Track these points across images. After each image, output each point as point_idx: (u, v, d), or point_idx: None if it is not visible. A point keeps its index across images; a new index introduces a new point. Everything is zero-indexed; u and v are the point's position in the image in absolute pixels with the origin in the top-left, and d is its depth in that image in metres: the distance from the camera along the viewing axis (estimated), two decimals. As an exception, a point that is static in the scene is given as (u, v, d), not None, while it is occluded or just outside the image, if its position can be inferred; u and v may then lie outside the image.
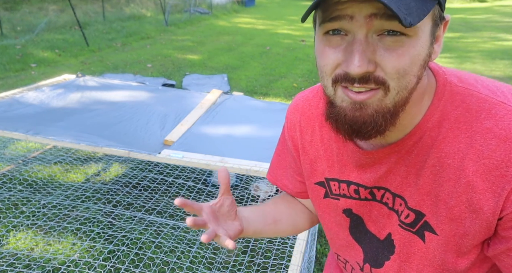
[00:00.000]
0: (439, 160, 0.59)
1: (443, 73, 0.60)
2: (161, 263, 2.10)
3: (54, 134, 2.19)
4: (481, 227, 0.58)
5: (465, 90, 0.59)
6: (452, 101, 0.58)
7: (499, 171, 0.54)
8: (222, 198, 0.68)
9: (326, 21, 0.51)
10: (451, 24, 13.03)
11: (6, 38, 8.05)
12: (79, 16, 9.64)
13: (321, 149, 0.74)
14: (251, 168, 1.95)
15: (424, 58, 0.53)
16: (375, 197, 0.69)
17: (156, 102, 2.94)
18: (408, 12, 0.46)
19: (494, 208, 0.56)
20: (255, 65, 7.23)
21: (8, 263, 2.02)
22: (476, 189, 0.56)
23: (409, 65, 0.51)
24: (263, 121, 2.74)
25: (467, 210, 0.58)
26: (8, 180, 2.85)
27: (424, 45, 0.52)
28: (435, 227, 0.62)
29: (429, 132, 0.59)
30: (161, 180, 2.93)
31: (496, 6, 20.13)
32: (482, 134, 0.56)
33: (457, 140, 0.57)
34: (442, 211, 0.60)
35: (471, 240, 0.60)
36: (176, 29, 11.58)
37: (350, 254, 0.78)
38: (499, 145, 0.54)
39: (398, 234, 0.68)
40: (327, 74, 0.55)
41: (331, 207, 0.76)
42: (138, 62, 7.19)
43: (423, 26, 0.50)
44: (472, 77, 0.61)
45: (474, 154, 0.56)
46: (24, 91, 2.87)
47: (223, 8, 17.03)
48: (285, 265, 2.05)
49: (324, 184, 0.76)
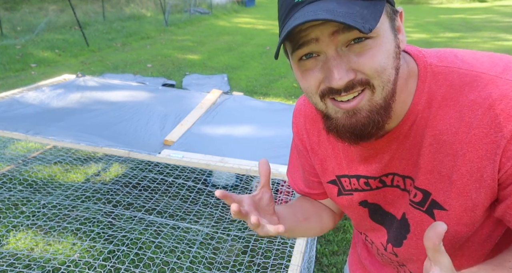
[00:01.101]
0: (435, 138, 0.62)
1: (423, 56, 0.63)
2: (161, 263, 2.10)
3: (54, 134, 2.19)
4: (486, 194, 0.61)
5: (445, 69, 0.61)
6: (436, 81, 0.61)
7: (489, 138, 0.57)
8: (262, 191, 0.67)
9: (296, 49, 0.56)
10: (451, 24, 13.05)
11: (6, 38, 8.05)
12: (79, 16, 9.64)
13: (328, 148, 0.77)
14: (251, 168, 1.95)
15: (394, 50, 0.57)
16: (385, 184, 0.72)
17: (156, 102, 2.94)
18: (364, 20, 0.51)
19: (492, 173, 0.58)
20: (255, 65, 7.23)
21: (8, 263, 2.02)
22: (473, 159, 0.59)
23: (384, 61, 0.55)
24: (263, 121, 2.74)
25: (469, 182, 0.61)
26: (8, 180, 2.85)
27: (390, 40, 0.56)
28: (443, 203, 0.65)
29: (420, 114, 0.62)
30: (161, 180, 2.93)
31: (496, 6, 20.13)
32: (468, 106, 0.58)
33: (447, 116, 0.60)
34: (447, 186, 0.63)
35: (481, 211, 0.63)
36: (176, 29, 11.58)
37: (377, 236, 0.81)
38: (485, 114, 0.57)
39: (410, 213, 0.71)
40: (313, 93, 0.59)
41: (347, 203, 0.80)
42: (138, 62, 7.19)
43: (381, 25, 0.55)
44: (452, 54, 0.64)
45: (465, 127, 0.59)
46: (24, 91, 2.87)
47: (223, 8, 17.03)
48: (285, 265, 2.05)
49: (336, 182, 0.79)
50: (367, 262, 0.94)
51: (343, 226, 2.53)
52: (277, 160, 2.07)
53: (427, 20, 14.42)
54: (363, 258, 0.95)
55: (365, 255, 0.95)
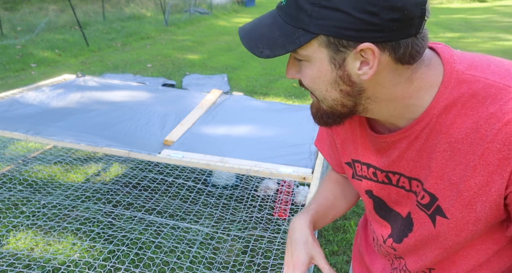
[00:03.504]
0: (450, 145, 0.62)
1: (453, 62, 0.62)
2: (161, 263, 2.10)
3: (54, 134, 2.19)
4: (491, 209, 0.61)
5: (471, 77, 0.60)
6: (459, 88, 0.60)
7: (502, 154, 0.56)
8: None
9: None
10: (451, 24, 13.03)
11: (6, 38, 8.05)
12: (79, 16, 9.63)
13: (348, 131, 0.80)
14: (251, 168, 1.95)
15: (331, 79, 0.60)
16: (391, 182, 0.73)
17: (156, 102, 2.94)
18: (270, 47, 0.58)
19: (499, 189, 0.58)
20: (255, 65, 7.23)
21: (8, 263, 2.02)
22: (483, 173, 0.59)
23: (311, 83, 0.62)
24: (263, 121, 2.74)
25: (476, 195, 0.61)
26: (8, 180, 2.85)
27: (323, 69, 0.60)
28: (446, 211, 0.65)
29: (436, 118, 0.62)
30: (161, 180, 2.93)
31: (496, 6, 20.13)
32: (486, 119, 0.57)
33: (464, 125, 0.60)
34: (454, 195, 0.63)
35: (484, 225, 0.63)
36: (176, 29, 11.58)
37: (380, 229, 0.83)
38: (501, 129, 0.56)
39: (416, 213, 0.72)
40: None
41: (357, 187, 0.84)
42: (138, 62, 7.19)
43: (314, 54, 0.59)
44: (485, 62, 0.62)
45: (480, 139, 0.58)
46: (24, 91, 2.86)
47: (223, 8, 17.03)
48: (285, 265, 2.05)
49: (351, 164, 0.82)
50: (363, 249, 0.97)
51: (343, 226, 2.53)
52: (277, 160, 2.07)
53: (427, 20, 14.40)
54: (361, 245, 0.99)
55: (363, 242, 0.98)
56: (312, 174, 1.91)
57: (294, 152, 2.18)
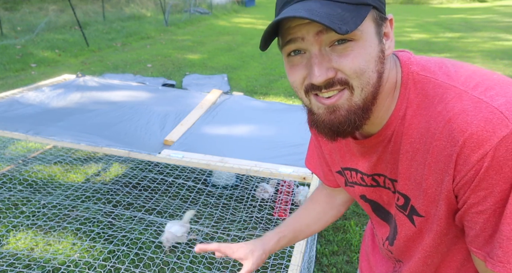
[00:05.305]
0: (411, 145, 0.63)
1: (409, 64, 0.65)
2: (161, 263, 2.10)
3: (54, 134, 2.19)
4: (446, 205, 0.62)
5: (424, 78, 0.62)
6: (414, 89, 0.63)
7: (446, 151, 0.58)
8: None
9: (284, 45, 0.60)
10: (451, 24, 13.04)
11: (6, 38, 8.05)
12: (79, 16, 9.63)
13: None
14: (251, 168, 1.95)
15: (377, 54, 0.59)
16: (379, 183, 0.75)
17: (156, 102, 2.94)
18: (343, 22, 0.53)
19: (448, 185, 0.60)
20: (255, 65, 7.23)
21: (8, 263, 2.02)
22: (436, 170, 0.61)
23: (364, 64, 0.57)
24: (263, 121, 2.74)
25: (436, 191, 0.62)
26: (8, 180, 2.85)
27: (373, 45, 0.58)
28: (419, 209, 0.67)
29: (400, 120, 0.64)
30: (161, 180, 2.93)
31: (496, 6, 20.13)
32: (435, 118, 0.60)
33: (419, 125, 0.62)
34: (421, 194, 0.65)
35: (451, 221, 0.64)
36: (176, 29, 11.58)
37: (381, 231, 0.85)
38: (444, 126, 0.58)
39: (397, 215, 0.74)
40: (298, 88, 0.63)
41: (352, 194, 0.85)
42: (138, 62, 7.19)
43: (365, 29, 0.57)
44: (438, 64, 0.64)
45: (431, 138, 0.60)
46: (24, 91, 2.86)
47: (223, 8, 17.03)
48: (285, 265, 2.05)
49: (342, 173, 0.83)
50: (370, 250, 0.98)
51: (343, 226, 2.53)
52: (277, 160, 2.07)
53: (427, 20, 14.42)
54: (368, 246, 1.00)
55: (370, 244, 0.99)
56: (312, 174, 1.91)
57: (294, 152, 2.18)
